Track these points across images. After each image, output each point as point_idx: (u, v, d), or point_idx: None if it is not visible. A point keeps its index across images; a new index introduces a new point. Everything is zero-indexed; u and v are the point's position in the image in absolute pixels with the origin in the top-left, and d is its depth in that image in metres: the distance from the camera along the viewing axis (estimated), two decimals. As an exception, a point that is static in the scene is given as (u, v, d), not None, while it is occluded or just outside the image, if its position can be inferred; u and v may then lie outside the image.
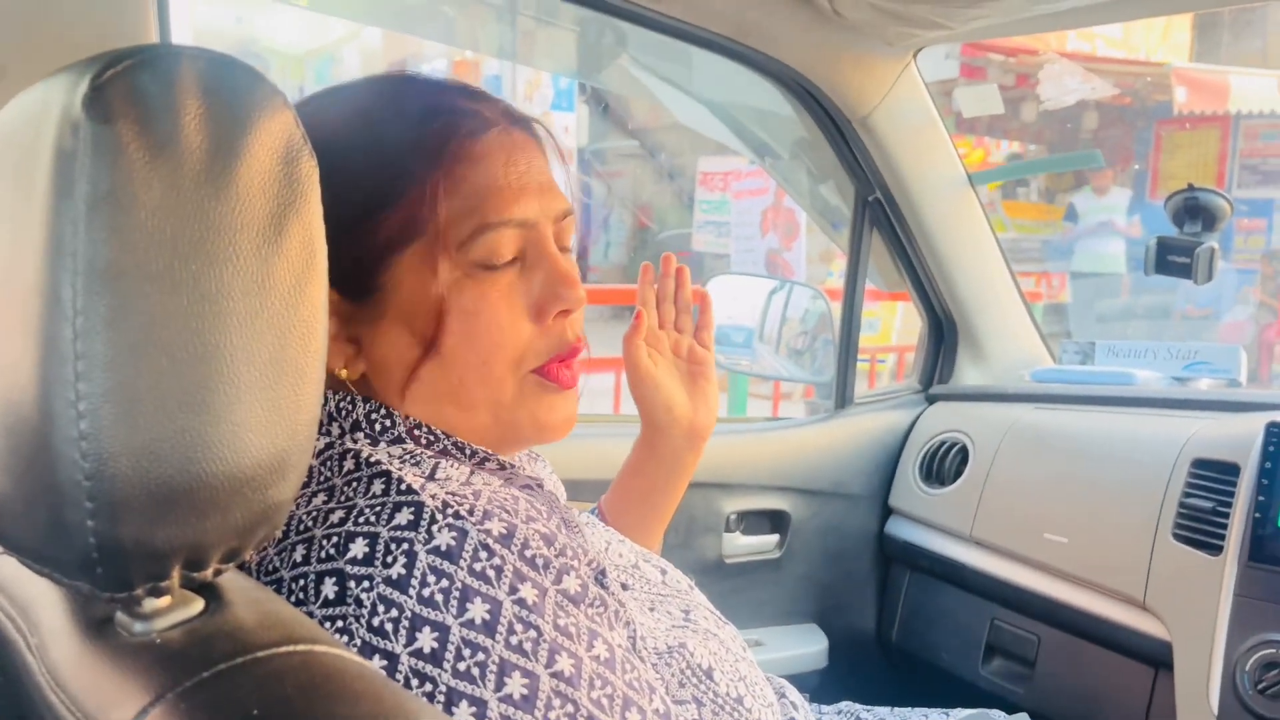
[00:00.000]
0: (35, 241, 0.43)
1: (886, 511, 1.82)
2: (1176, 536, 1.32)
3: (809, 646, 1.74)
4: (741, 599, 1.68)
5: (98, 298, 0.42)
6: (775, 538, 1.73)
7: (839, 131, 1.66)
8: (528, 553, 0.64)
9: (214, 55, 0.47)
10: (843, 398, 1.85)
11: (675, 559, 0.98)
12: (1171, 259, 1.50)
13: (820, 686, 1.71)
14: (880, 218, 1.77)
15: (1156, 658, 1.34)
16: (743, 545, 1.70)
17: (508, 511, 0.66)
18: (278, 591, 0.64)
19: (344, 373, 0.73)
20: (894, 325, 6.10)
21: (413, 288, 0.71)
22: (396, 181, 0.70)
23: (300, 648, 0.45)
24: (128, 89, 0.43)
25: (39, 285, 0.43)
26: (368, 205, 0.71)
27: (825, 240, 7.05)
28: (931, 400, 1.89)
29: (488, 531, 0.63)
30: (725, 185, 8.34)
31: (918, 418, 1.85)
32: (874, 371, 5.43)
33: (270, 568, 0.66)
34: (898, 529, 1.80)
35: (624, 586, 0.83)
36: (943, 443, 1.76)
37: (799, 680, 1.17)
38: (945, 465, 1.74)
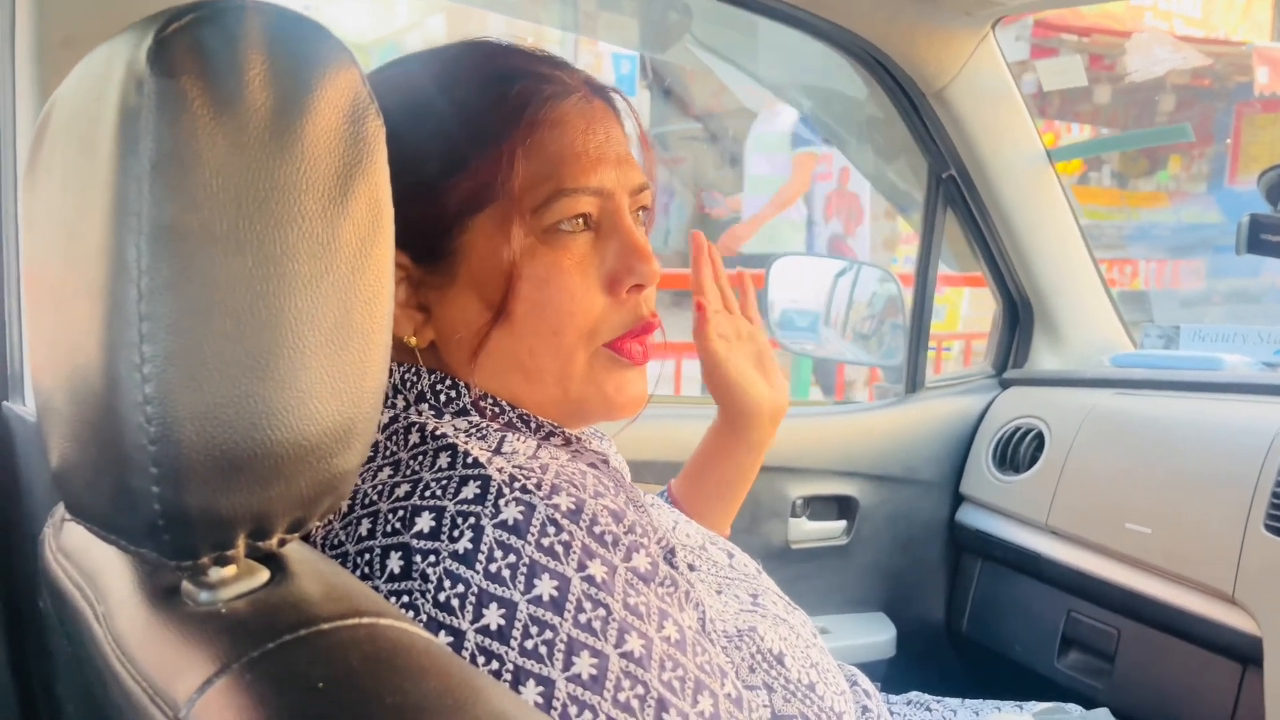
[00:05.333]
0: (101, 202, 0.42)
1: (958, 499, 1.78)
2: (1269, 528, 1.26)
3: (876, 635, 1.71)
4: (808, 585, 1.65)
5: (162, 258, 0.41)
6: (843, 524, 1.70)
7: (913, 106, 1.61)
8: (596, 529, 0.62)
9: (279, 10, 0.46)
10: (914, 382, 1.81)
11: (741, 544, 0.95)
12: (1265, 238, 1.42)
13: (888, 676, 1.68)
14: (955, 196, 1.71)
15: (1245, 654, 1.28)
16: (809, 531, 1.67)
17: (576, 486, 0.64)
18: (343, 566, 0.63)
19: (413, 340, 0.72)
20: (961, 311, 5.97)
21: (485, 252, 0.70)
22: (473, 144, 0.69)
23: (366, 620, 0.44)
24: (192, 43, 0.42)
25: (104, 246, 0.42)
26: (443, 168, 0.70)
27: (890, 226, 6.92)
28: (1006, 385, 1.84)
29: (555, 506, 0.62)
30: (788, 170, 8.23)
31: (991, 403, 1.79)
32: (940, 358, 5.32)
33: (335, 542, 0.65)
34: (969, 517, 1.75)
35: (691, 568, 0.81)
36: (1017, 429, 1.70)
37: (866, 669, 1.14)
38: (1020, 452, 1.68)
